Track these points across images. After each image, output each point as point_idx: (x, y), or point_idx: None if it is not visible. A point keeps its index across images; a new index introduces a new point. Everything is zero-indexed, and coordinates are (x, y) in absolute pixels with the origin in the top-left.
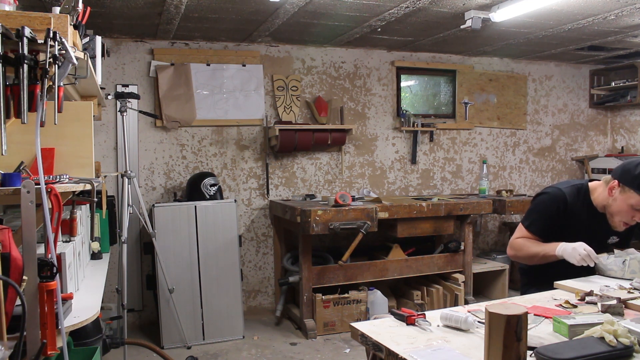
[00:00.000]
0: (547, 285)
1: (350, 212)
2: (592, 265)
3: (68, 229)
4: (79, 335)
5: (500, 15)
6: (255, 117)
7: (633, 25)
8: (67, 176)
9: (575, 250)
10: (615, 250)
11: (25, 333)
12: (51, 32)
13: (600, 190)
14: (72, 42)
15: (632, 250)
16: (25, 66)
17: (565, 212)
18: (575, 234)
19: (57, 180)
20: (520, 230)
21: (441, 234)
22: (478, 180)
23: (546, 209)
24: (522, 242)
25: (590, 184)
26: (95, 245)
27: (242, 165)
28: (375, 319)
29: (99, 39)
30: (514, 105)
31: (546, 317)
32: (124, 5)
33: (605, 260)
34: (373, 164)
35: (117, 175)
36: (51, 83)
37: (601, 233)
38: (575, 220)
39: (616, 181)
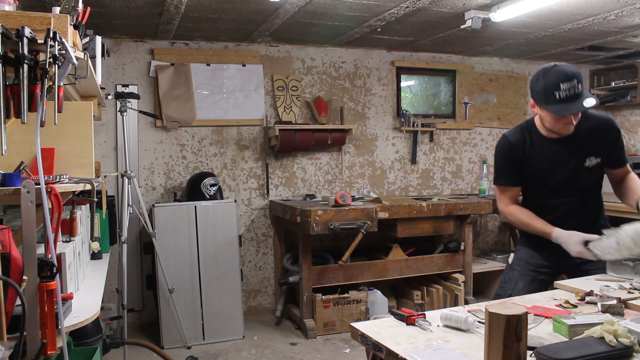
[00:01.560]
0: (543, 241)
1: (350, 212)
2: (589, 258)
3: (68, 229)
4: (79, 335)
5: (500, 15)
6: (255, 117)
7: (633, 25)
8: (67, 176)
9: (569, 243)
10: (605, 231)
11: (25, 333)
12: (51, 32)
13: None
14: (72, 42)
15: (622, 227)
16: (25, 66)
17: (515, 152)
18: (544, 168)
19: (57, 180)
20: (496, 190)
21: (441, 234)
22: (478, 180)
23: (499, 159)
24: (513, 212)
25: (535, 116)
26: (95, 245)
27: (242, 165)
28: (375, 319)
29: (99, 39)
30: (514, 105)
31: (546, 317)
32: (124, 5)
33: (600, 245)
34: (373, 164)
35: (117, 175)
36: (51, 83)
37: (575, 157)
38: (533, 155)
39: (531, 99)
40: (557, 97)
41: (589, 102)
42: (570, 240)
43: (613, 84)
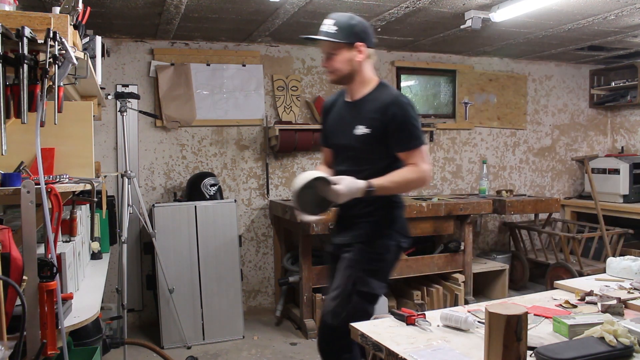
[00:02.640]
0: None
1: None
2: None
3: (68, 229)
4: (79, 335)
5: (500, 15)
6: (255, 117)
7: (633, 25)
8: (67, 176)
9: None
10: None
11: (25, 333)
12: (51, 32)
13: None
14: (72, 42)
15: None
16: (25, 66)
17: (325, 111)
18: (331, 130)
19: (57, 180)
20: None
21: (441, 234)
22: (478, 180)
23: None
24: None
25: None
26: (95, 245)
27: (242, 165)
28: (375, 319)
29: (99, 39)
30: (514, 105)
31: (546, 317)
32: (124, 5)
33: None
34: None
35: (117, 175)
36: (51, 83)
37: (352, 123)
38: (331, 116)
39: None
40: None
41: (332, 35)
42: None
43: (613, 84)
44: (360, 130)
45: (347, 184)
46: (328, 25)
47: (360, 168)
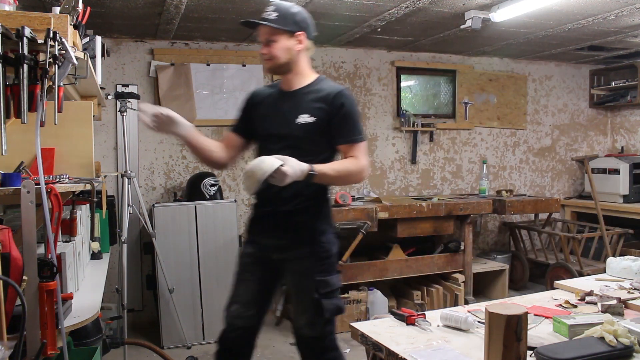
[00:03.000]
0: None
1: (350, 212)
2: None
3: (68, 229)
4: (79, 335)
5: (500, 15)
6: None
7: (633, 25)
8: (67, 176)
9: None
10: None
11: (25, 333)
12: (51, 32)
13: None
14: (72, 42)
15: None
16: (25, 66)
17: (252, 101)
18: (267, 120)
19: (57, 180)
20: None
21: (441, 234)
22: (478, 180)
23: (240, 105)
24: None
25: None
26: (95, 245)
27: (242, 165)
28: (375, 319)
29: (99, 39)
30: (514, 105)
31: (546, 317)
32: (124, 5)
33: None
34: (373, 164)
35: (117, 175)
36: (51, 83)
37: (287, 112)
38: (263, 105)
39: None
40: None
41: (272, 21)
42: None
43: (613, 84)
44: (304, 118)
45: (292, 165)
46: (269, 11)
47: (300, 159)
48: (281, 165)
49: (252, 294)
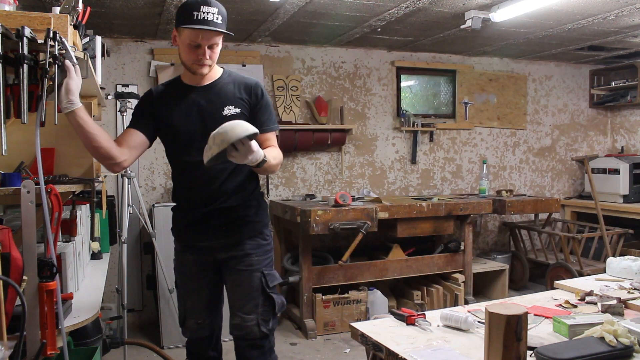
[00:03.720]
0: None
1: (350, 212)
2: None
3: (68, 229)
4: (79, 335)
5: (500, 15)
6: None
7: (633, 25)
8: (67, 176)
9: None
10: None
11: (25, 333)
12: (51, 32)
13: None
14: (72, 42)
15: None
16: (25, 66)
17: (154, 99)
18: (185, 117)
19: (57, 180)
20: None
21: (441, 234)
22: (478, 180)
23: (137, 105)
24: None
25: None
26: (95, 245)
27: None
28: (375, 319)
29: (99, 39)
30: (514, 105)
31: (546, 317)
32: (124, 5)
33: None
34: (373, 164)
35: (117, 175)
36: (51, 83)
37: (208, 107)
38: (170, 104)
39: (174, 29)
40: (194, 17)
41: (221, 25)
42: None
43: (613, 84)
44: (230, 110)
45: (256, 146)
46: (213, 14)
47: (232, 162)
48: (251, 137)
49: (206, 301)
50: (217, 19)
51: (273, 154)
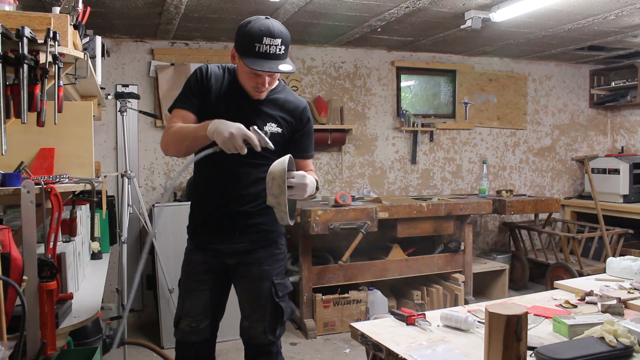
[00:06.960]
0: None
1: (350, 212)
2: (243, 152)
3: (68, 229)
4: (79, 335)
5: (500, 15)
6: None
7: (633, 25)
8: (67, 176)
9: (231, 140)
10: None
11: (25, 333)
12: (51, 32)
13: None
14: (72, 42)
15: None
16: (25, 66)
17: (209, 81)
18: (223, 115)
19: (57, 180)
20: (172, 114)
21: (441, 234)
22: (478, 180)
23: (187, 82)
24: (171, 127)
25: None
26: (95, 245)
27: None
28: (375, 319)
29: (99, 39)
30: (514, 105)
31: (546, 317)
32: (124, 5)
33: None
34: (373, 164)
35: (117, 175)
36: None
37: (252, 118)
38: (220, 94)
39: (234, 47)
40: (255, 49)
41: (285, 67)
42: (231, 142)
43: (613, 84)
44: (272, 127)
45: (309, 177)
46: (276, 46)
47: (257, 168)
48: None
49: (204, 304)
50: (280, 50)
51: (314, 178)
